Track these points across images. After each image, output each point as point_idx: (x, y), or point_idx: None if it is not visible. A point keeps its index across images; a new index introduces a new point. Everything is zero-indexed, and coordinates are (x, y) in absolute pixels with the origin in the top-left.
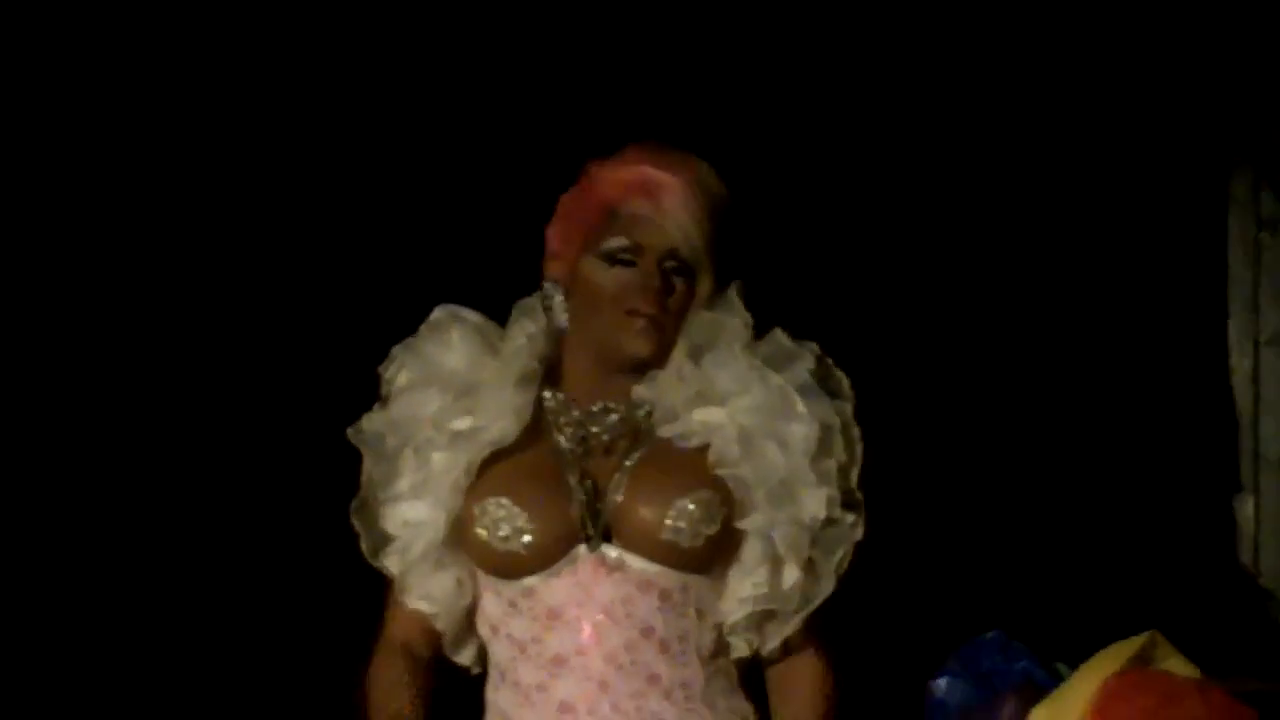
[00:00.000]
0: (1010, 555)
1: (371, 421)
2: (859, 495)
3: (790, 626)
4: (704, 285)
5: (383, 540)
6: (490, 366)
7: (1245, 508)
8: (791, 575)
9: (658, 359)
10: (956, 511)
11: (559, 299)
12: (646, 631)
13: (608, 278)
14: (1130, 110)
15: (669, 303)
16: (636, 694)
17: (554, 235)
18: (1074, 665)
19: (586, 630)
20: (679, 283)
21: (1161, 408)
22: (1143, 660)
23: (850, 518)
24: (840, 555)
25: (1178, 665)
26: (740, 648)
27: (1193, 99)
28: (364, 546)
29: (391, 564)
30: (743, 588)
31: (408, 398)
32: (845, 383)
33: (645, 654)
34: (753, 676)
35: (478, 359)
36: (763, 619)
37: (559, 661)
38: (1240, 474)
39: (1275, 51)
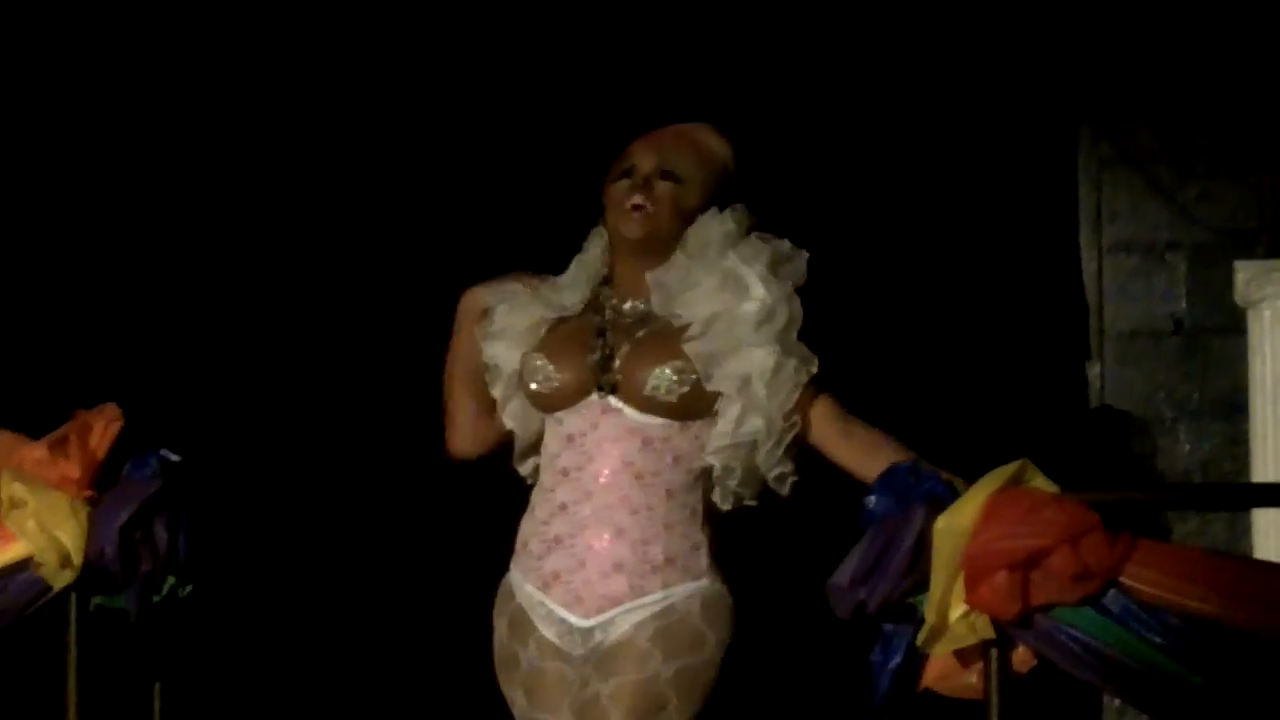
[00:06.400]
0: (916, 408)
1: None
2: (800, 348)
3: (777, 454)
4: (690, 197)
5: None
6: (574, 268)
7: (1093, 370)
8: (752, 417)
9: (652, 245)
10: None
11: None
12: (627, 464)
13: (615, 188)
14: (999, 80)
15: (654, 196)
16: (610, 506)
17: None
18: (968, 483)
19: (590, 455)
20: (665, 187)
21: (1029, 297)
22: (1016, 481)
23: (792, 363)
24: (784, 394)
25: (1042, 484)
26: (719, 471)
27: (1047, 69)
28: (486, 376)
29: (496, 391)
30: (720, 431)
31: (524, 283)
32: (800, 266)
33: (623, 479)
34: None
35: (574, 268)
36: (749, 452)
37: (565, 473)
38: (1089, 346)
39: (1113, 34)
